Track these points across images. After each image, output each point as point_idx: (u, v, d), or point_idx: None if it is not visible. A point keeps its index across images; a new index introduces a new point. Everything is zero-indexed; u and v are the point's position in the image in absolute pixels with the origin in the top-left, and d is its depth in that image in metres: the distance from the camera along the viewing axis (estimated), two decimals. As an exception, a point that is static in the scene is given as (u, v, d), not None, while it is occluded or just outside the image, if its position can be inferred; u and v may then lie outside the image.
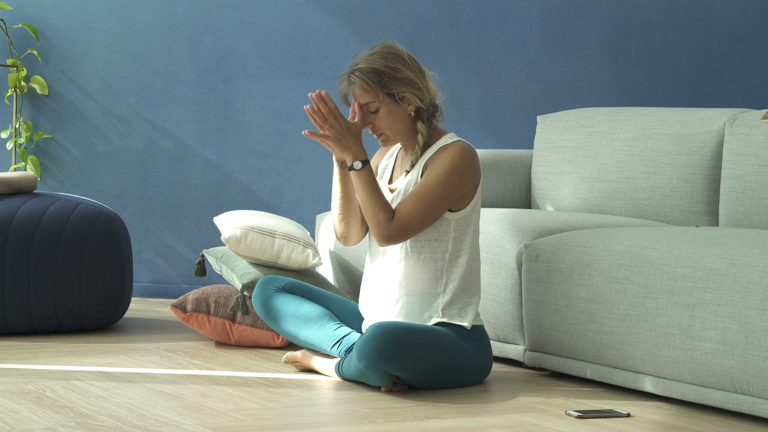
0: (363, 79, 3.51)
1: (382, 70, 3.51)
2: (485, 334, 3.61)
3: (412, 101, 3.54)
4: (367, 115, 3.55)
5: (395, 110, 3.54)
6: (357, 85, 3.52)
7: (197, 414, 3.10)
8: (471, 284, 3.57)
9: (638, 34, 5.62)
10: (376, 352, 3.35)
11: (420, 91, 3.55)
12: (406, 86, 3.52)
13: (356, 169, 3.48)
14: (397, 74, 3.51)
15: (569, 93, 5.61)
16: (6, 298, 4.41)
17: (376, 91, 3.51)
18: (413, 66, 3.56)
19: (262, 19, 5.66)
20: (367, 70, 3.51)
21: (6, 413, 3.07)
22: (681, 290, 3.30)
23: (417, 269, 3.54)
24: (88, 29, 5.73)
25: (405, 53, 3.57)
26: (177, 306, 4.36)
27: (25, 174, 4.65)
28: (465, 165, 3.52)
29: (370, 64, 3.52)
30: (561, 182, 4.63)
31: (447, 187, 3.49)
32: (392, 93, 3.52)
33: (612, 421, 3.16)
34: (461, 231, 3.55)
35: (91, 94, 5.75)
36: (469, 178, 3.53)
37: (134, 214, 5.72)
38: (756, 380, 3.11)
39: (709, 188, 4.21)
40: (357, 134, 3.50)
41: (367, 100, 3.53)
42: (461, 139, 3.59)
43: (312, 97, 3.46)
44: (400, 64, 3.53)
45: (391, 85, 3.51)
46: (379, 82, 3.50)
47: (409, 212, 3.47)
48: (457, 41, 5.61)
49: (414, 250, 3.55)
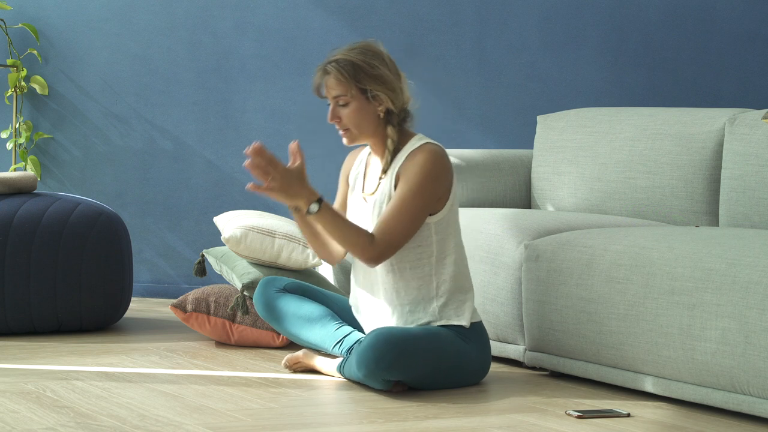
0: (338, 70, 3.48)
1: (359, 65, 3.48)
2: (484, 331, 3.60)
3: (383, 101, 3.51)
4: (336, 108, 3.51)
5: (365, 107, 3.51)
6: (332, 76, 3.49)
7: (197, 414, 3.10)
8: (462, 282, 3.56)
9: (638, 34, 5.62)
10: (374, 362, 3.35)
11: (393, 93, 3.52)
12: (380, 85, 3.50)
13: (314, 213, 3.40)
14: (373, 71, 3.49)
15: (569, 93, 5.61)
16: (6, 298, 4.41)
17: (349, 84, 3.48)
18: (391, 66, 3.54)
19: (262, 19, 5.66)
20: (344, 62, 3.49)
21: (6, 413, 3.07)
22: (681, 290, 3.30)
23: (406, 279, 3.53)
24: (88, 29, 5.74)
25: (385, 53, 3.55)
26: (177, 306, 4.36)
27: (25, 174, 4.65)
28: (437, 169, 3.49)
29: (348, 57, 3.49)
30: (561, 182, 4.63)
31: (423, 196, 3.46)
32: (365, 89, 3.49)
33: (612, 421, 3.16)
34: (443, 233, 3.53)
35: (91, 94, 5.75)
36: (443, 180, 3.50)
37: (134, 214, 5.72)
38: (756, 380, 3.11)
39: (709, 188, 4.21)
40: (300, 178, 3.40)
41: (339, 92, 3.49)
42: (429, 141, 3.55)
43: (248, 152, 3.35)
44: (378, 62, 3.51)
45: (365, 81, 3.48)
46: (354, 75, 3.47)
47: (391, 228, 3.44)
48: (457, 41, 5.61)
49: (400, 261, 3.53)
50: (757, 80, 5.64)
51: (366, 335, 3.44)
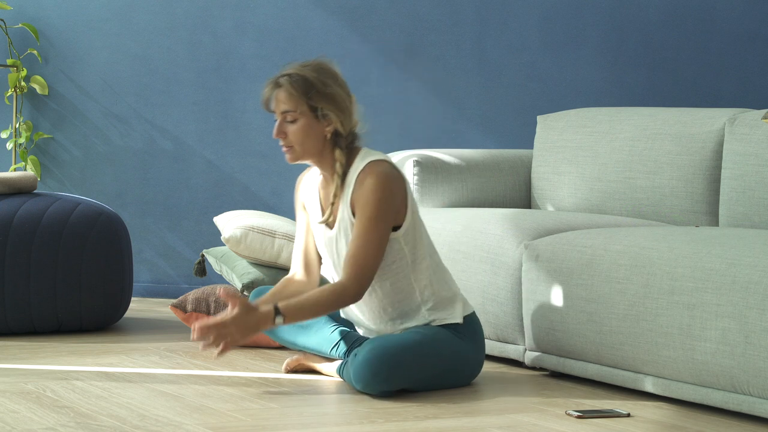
0: (291, 84, 3.41)
1: (312, 81, 3.41)
2: (477, 324, 3.59)
3: (332, 122, 3.43)
4: (284, 124, 3.44)
5: (313, 126, 3.43)
6: (283, 89, 3.41)
7: (197, 414, 3.10)
8: (444, 280, 3.55)
9: (638, 34, 5.62)
10: (370, 376, 3.35)
11: (343, 114, 3.44)
12: (331, 104, 3.42)
13: (281, 323, 3.36)
14: (325, 89, 3.41)
15: (569, 93, 5.61)
16: (6, 298, 4.41)
17: (299, 100, 3.40)
18: (343, 87, 3.47)
19: (262, 19, 5.66)
20: (297, 77, 3.41)
21: (6, 413, 3.07)
22: (681, 290, 3.30)
23: (389, 295, 3.51)
24: (88, 29, 5.74)
25: (338, 73, 3.47)
26: (177, 306, 4.37)
27: (25, 174, 4.65)
28: (389, 188, 3.41)
29: (302, 72, 3.42)
30: (561, 182, 4.63)
31: (384, 219, 3.41)
32: (315, 107, 3.41)
33: (612, 421, 3.16)
34: (412, 241, 3.50)
35: (91, 94, 5.75)
36: (397, 195, 3.44)
37: (134, 214, 5.72)
38: (756, 380, 3.11)
39: (709, 188, 4.20)
40: (248, 312, 3.34)
41: (289, 107, 3.42)
42: (373, 159, 3.45)
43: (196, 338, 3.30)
44: (331, 81, 3.43)
45: (316, 99, 3.40)
46: (306, 92, 3.40)
47: (361, 261, 3.39)
48: (457, 41, 5.61)
49: (379, 281, 3.50)
50: (757, 80, 5.64)
51: (361, 347, 3.43)
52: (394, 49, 5.64)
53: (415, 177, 4.68)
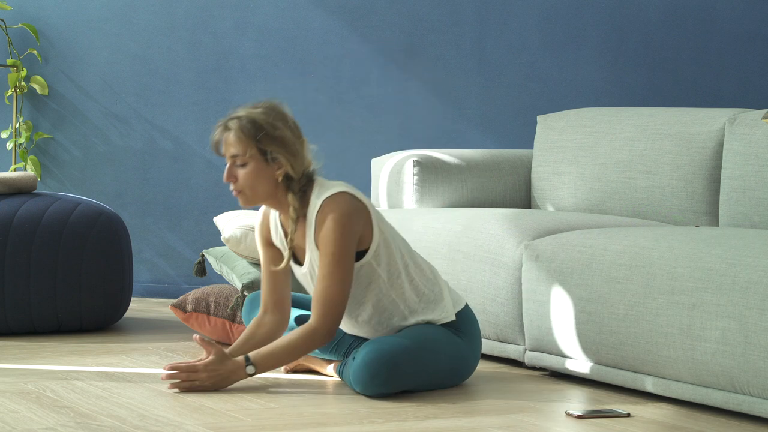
0: (240, 128, 3.33)
1: (261, 124, 3.34)
2: (471, 316, 3.58)
3: (283, 165, 3.36)
4: (233, 167, 3.37)
5: (263, 170, 3.36)
6: (232, 133, 3.34)
7: (197, 414, 3.10)
8: (425, 283, 3.51)
9: (638, 34, 5.62)
10: (369, 380, 3.35)
11: (294, 157, 3.36)
12: (281, 147, 3.34)
13: (253, 373, 3.37)
14: (275, 132, 3.34)
15: (569, 93, 5.61)
16: (6, 298, 4.41)
17: (249, 144, 3.33)
18: (294, 130, 3.39)
19: (262, 19, 5.66)
20: (246, 120, 3.34)
21: (6, 413, 3.07)
22: (681, 290, 3.30)
23: (374, 315, 3.49)
24: (88, 29, 5.74)
25: (289, 115, 3.41)
26: (177, 306, 4.37)
27: (25, 174, 4.65)
28: (348, 224, 3.35)
29: (251, 115, 3.36)
30: (561, 182, 4.63)
31: (345, 255, 3.34)
32: (265, 151, 3.34)
33: (612, 421, 3.16)
34: (385, 259, 3.45)
35: (91, 94, 5.75)
36: (357, 227, 3.37)
37: (134, 214, 5.72)
38: (756, 380, 3.11)
39: (709, 188, 4.21)
40: (222, 361, 3.36)
41: (238, 151, 3.35)
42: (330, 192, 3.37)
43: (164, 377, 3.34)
44: (281, 123, 3.36)
45: (266, 142, 3.33)
46: (255, 135, 3.33)
47: (328, 300, 3.35)
48: (457, 41, 5.61)
49: (358, 306, 3.49)
50: (757, 80, 5.64)
51: (359, 349, 3.42)
52: (394, 49, 5.64)
53: (415, 177, 4.68)
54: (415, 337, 3.45)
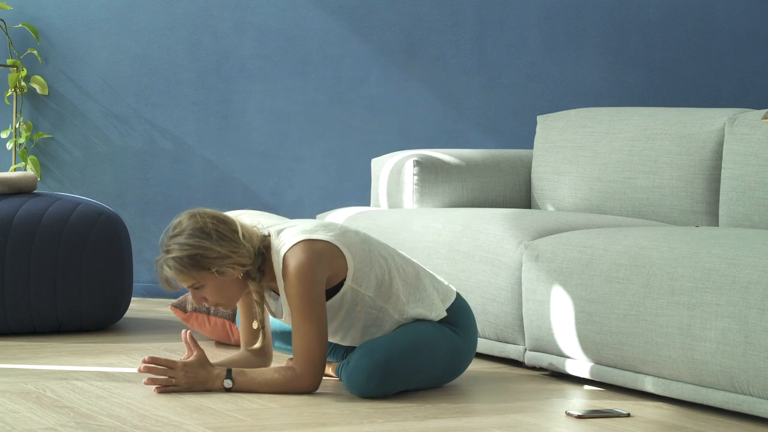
0: (176, 268, 3.32)
1: (193, 254, 3.32)
2: (464, 306, 3.56)
3: (234, 268, 3.35)
4: (196, 293, 3.39)
5: (221, 282, 3.36)
6: (173, 272, 3.34)
7: (197, 414, 3.10)
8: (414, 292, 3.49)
9: (638, 34, 5.62)
10: (364, 383, 3.34)
11: (238, 256, 3.35)
12: (220, 260, 3.32)
13: (229, 387, 3.35)
14: (208, 254, 3.32)
15: (569, 93, 5.61)
16: (6, 298, 4.41)
17: (193, 274, 3.33)
18: (223, 237, 3.35)
19: (262, 19, 5.66)
20: (177, 259, 3.32)
21: (6, 413, 3.07)
22: (681, 290, 3.30)
23: (367, 329, 3.48)
24: (88, 29, 5.74)
25: (210, 227, 3.34)
26: (177, 306, 4.37)
27: (25, 174, 4.65)
28: (309, 274, 3.31)
29: (181, 250, 3.32)
30: (561, 182, 4.63)
31: (313, 305, 3.32)
32: (211, 271, 3.34)
33: (612, 421, 3.16)
34: (366, 278, 3.41)
35: (91, 94, 5.75)
36: (321, 272, 3.34)
37: (134, 214, 5.72)
38: (756, 380, 3.11)
39: (709, 188, 4.21)
40: (203, 365, 3.36)
41: (189, 282, 3.36)
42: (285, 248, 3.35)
43: (142, 369, 3.32)
44: (209, 242, 3.32)
45: (207, 264, 3.32)
46: (194, 265, 3.32)
47: (307, 351, 3.33)
48: (457, 41, 5.61)
49: (348, 329, 3.48)
50: (757, 80, 5.64)
51: (353, 353, 3.41)
52: (394, 49, 5.64)
53: (415, 177, 4.68)
54: (409, 338, 3.42)
